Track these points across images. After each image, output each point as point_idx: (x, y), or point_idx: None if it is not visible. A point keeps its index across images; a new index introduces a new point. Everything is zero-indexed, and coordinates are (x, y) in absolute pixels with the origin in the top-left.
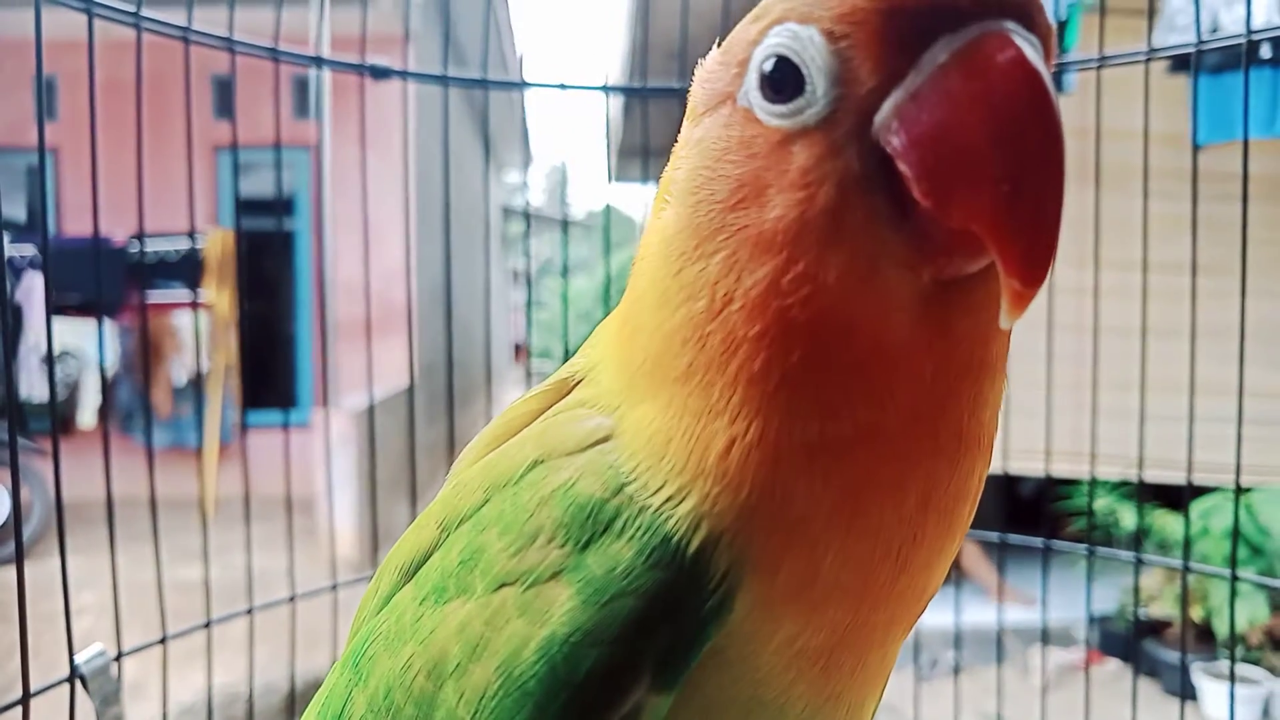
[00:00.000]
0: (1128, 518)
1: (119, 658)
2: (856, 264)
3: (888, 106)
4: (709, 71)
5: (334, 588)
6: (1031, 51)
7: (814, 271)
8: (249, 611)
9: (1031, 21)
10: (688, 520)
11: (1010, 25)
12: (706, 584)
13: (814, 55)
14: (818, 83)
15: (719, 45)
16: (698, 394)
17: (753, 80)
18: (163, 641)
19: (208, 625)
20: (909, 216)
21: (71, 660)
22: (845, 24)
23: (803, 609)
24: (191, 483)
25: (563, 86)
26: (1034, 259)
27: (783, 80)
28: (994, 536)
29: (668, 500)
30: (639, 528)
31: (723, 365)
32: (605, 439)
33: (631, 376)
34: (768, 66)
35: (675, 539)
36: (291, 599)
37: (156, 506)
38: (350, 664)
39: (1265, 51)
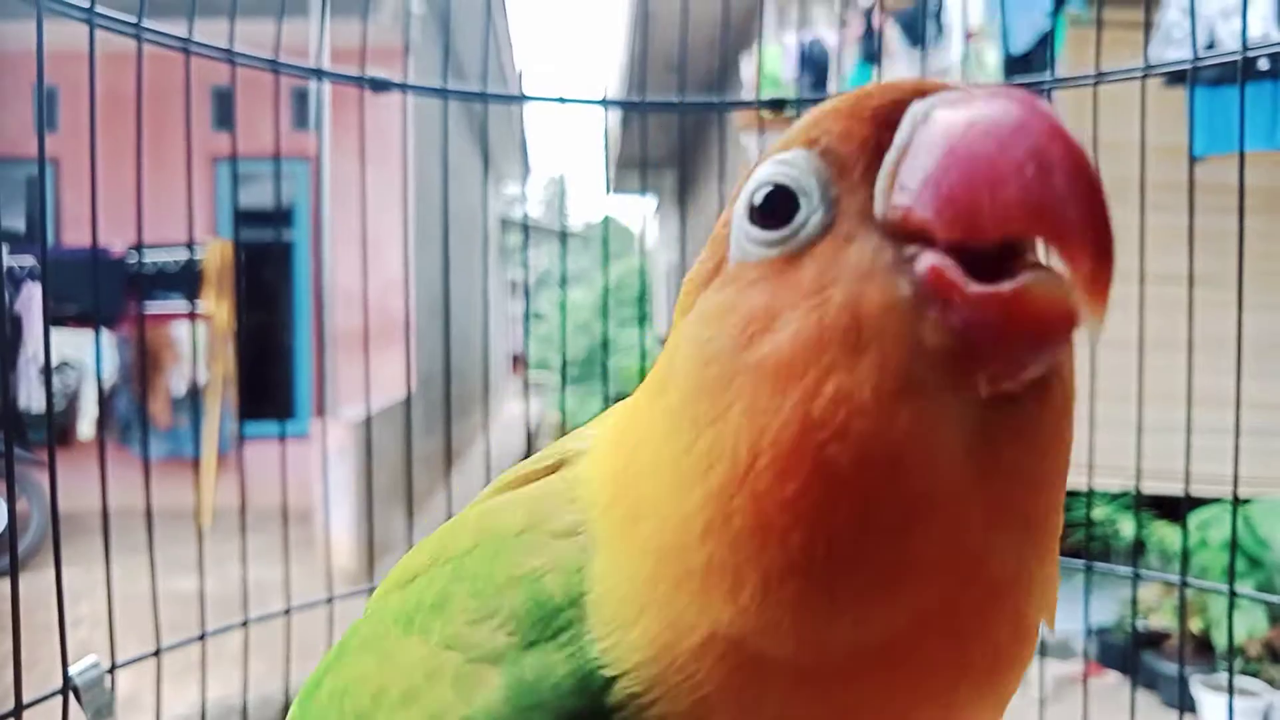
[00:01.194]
0: (1127, 529)
1: (113, 670)
2: (891, 372)
3: (884, 170)
4: (694, 269)
5: (329, 600)
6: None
7: (845, 389)
8: (244, 624)
9: None
10: (620, 675)
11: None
12: None
13: (801, 169)
14: (811, 191)
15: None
16: (713, 594)
17: (741, 225)
18: (157, 654)
19: (202, 638)
20: (951, 308)
21: (65, 672)
22: (819, 131)
23: None
24: (188, 494)
25: (562, 100)
26: (1091, 227)
27: (770, 205)
28: None
29: (614, 650)
30: (578, 651)
31: (751, 554)
32: (578, 535)
33: (621, 518)
34: (758, 199)
35: (597, 686)
36: (287, 611)
37: (152, 518)
38: (338, 648)
39: (1263, 64)
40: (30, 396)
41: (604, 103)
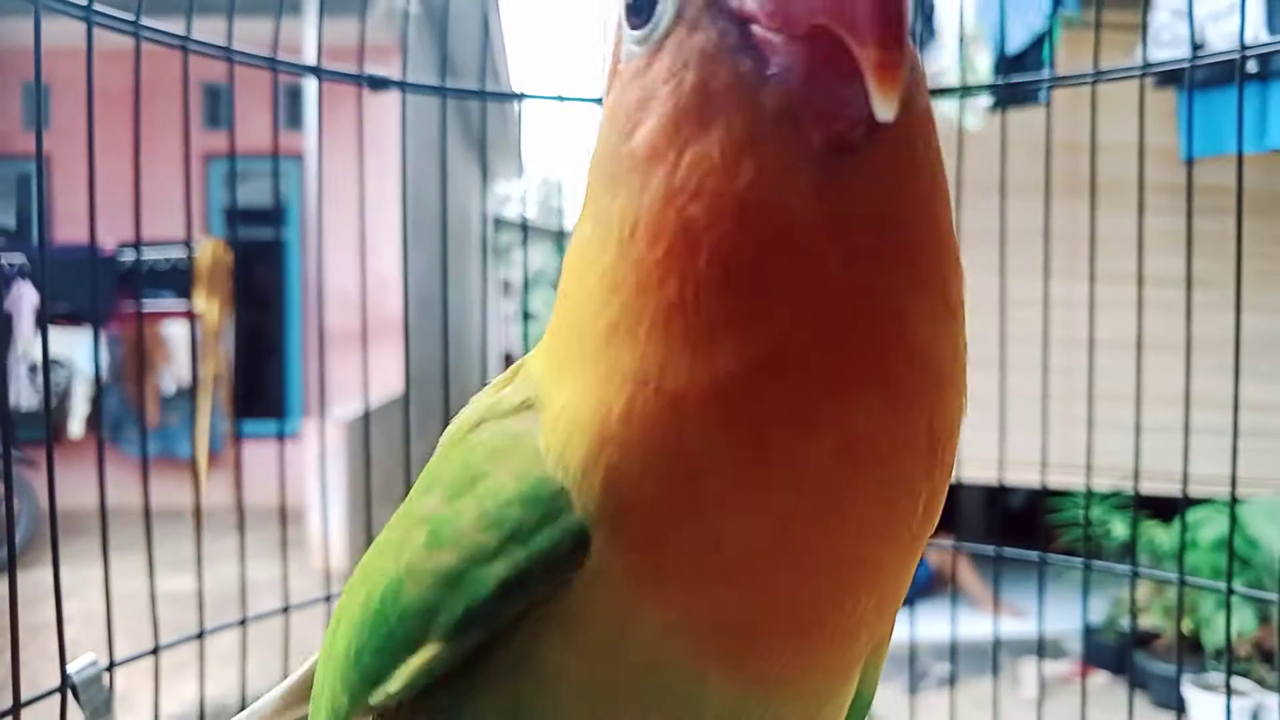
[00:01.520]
0: (1119, 529)
1: (111, 668)
2: (737, 134)
3: None
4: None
5: (328, 599)
6: None
7: (699, 156)
8: (242, 623)
9: None
10: (538, 489)
11: None
12: (541, 557)
13: None
14: None
15: None
16: (621, 352)
17: (623, 29)
18: (154, 652)
19: (200, 636)
20: (773, 69)
21: (63, 670)
22: None
23: (693, 585)
24: (179, 492)
25: (560, 99)
26: (877, 12)
27: (640, 5)
28: (989, 550)
29: (532, 468)
30: (489, 490)
31: (640, 309)
32: (528, 406)
33: (559, 355)
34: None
35: (509, 508)
36: (285, 610)
37: (150, 516)
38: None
39: (1252, 66)
40: (20, 395)
41: (601, 101)
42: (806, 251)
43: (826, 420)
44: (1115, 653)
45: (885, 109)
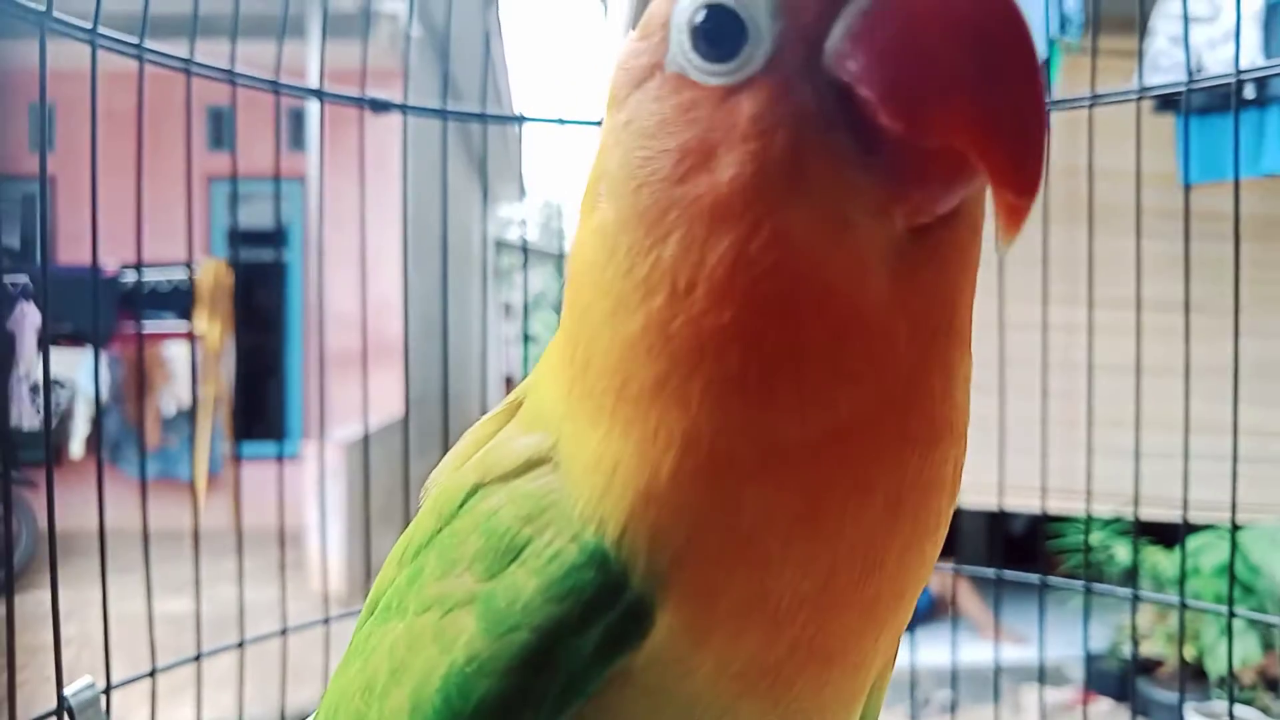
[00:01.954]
0: (1121, 554)
1: (108, 691)
2: (825, 214)
3: (839, 29)
4: (627, 53)
5: (326, 621)
6: None
7: (781, 230)
8: (240, 645)
9: None
10: (598, 552)
11: None
12: (610, 619)
13: None
14: (759, 22)
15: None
16: (664, 411)
17: (682, 40)
18: (152, 674)
19: (198, 658)
20: (876, 152)
21: (60, 693)
22: None
23: (745, 631)
24: (179, 514)
25: (560, 121)
26: (1024, 160)
27: (717, 31)
28: (989, 573)
29: (584, 531)
30: (544, 559)
31: (694, 368)
32: (540, 462)
33: (580, 397)
34: (699, 18)
35: (579, 572)
36: (283, 632)
37: (148, 538)
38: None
39: (1249, 92)
40: (21, 415)
41: (601, 124)
42: (881, 334)
43: (880, 481)
44: (1117, 680)
45: (1006, 246)
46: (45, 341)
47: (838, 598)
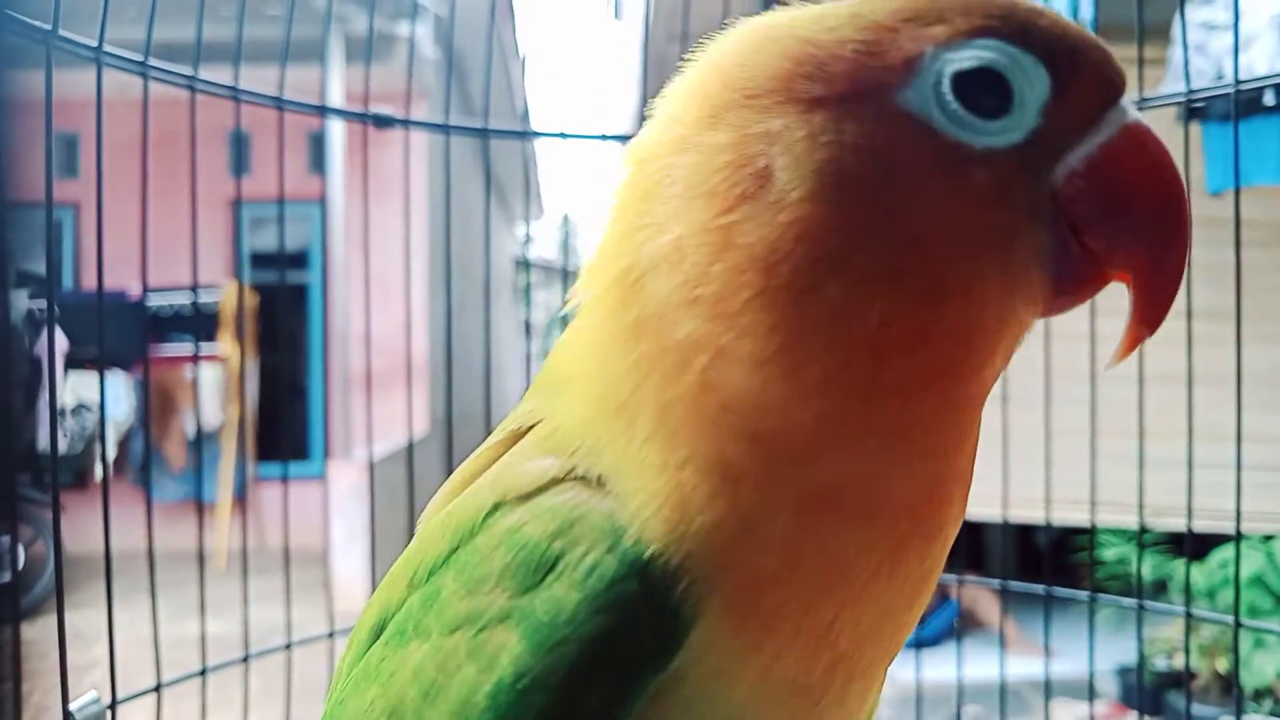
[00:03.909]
0: (1147, 568)
1: (113, 706)
2: (1008, 300)
3: (1081, 151)
4: (824, 54)
5: (331, 635)
6: None
7: (981, 305)
8: (245, 659)
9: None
10: (638, 563)
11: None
12: (659, 632)
13: (1032, 82)
14: (1029, 108)
15: (820, 23)
16: (725, 446)
17: (938, 86)
18: (157, 689)
19: (203, 673)
20: (1059, 255)
21: (65, 708)
22: (1068, 64)
23: (797, 645)
24: (206, 535)
25: (563, 135)
26: (1163, 310)
27: (981, 94)
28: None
29: (620, 542)
30: (582, 572)
31: (860, 408)
32: (563, 479)
33: (632, 422)
34: (969, 68)
35: (623, 584)
36: (288, 646)
37: (154, 557)
38: (325, 714)
39: (1269, 99)
40: (48, 438)
41: (604, 137)
42: (973, 417)
43: (920, 536)
44: (1150, 693)
45: (1121, 357)
46: (52, 360)
47: (864, 614)
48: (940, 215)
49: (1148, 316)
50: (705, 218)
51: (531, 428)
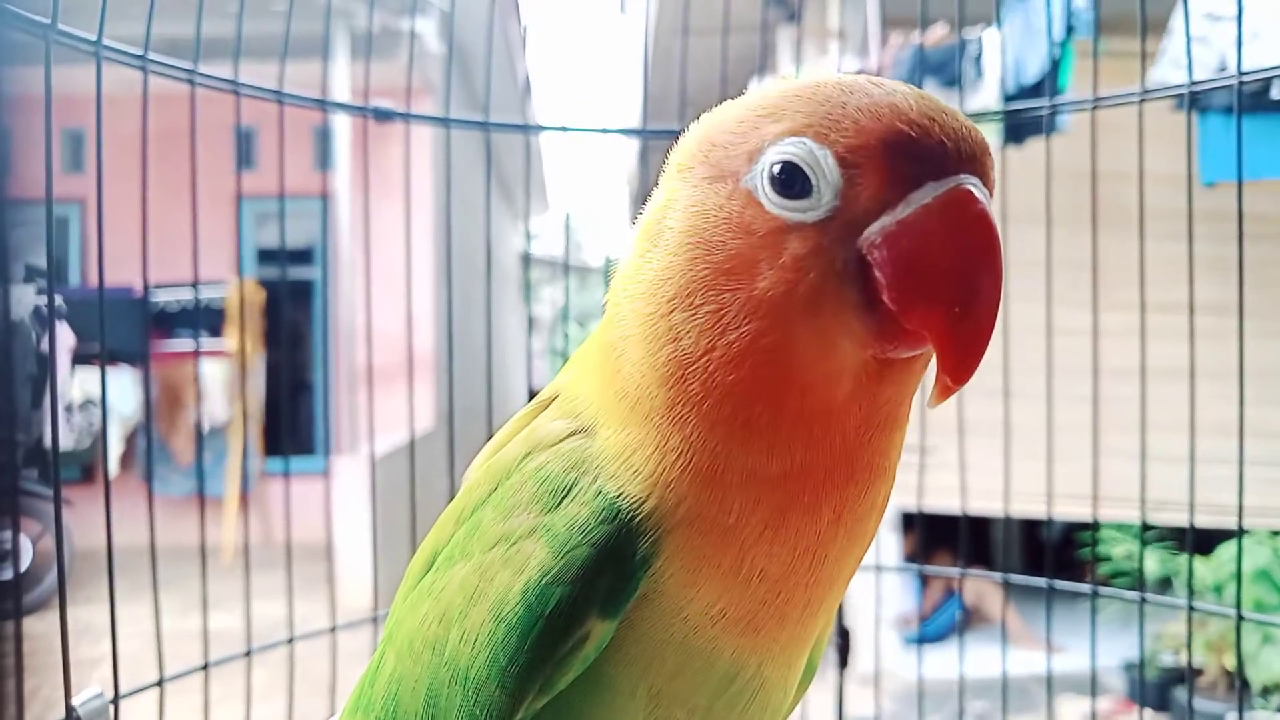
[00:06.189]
0: (1152, 564)
1: (116, 700)
2: (824, 339)
3: (877, 226)
4: (716, 142)
5: (333, 630)
6: (989, 207)
7: (789, 339)
8: (247, 654)
9: (987, 178)
10: (631, 498)
11: (973, 181)
12: (639, 544)
13: (826, 172)
14: (824, 193)
15: (726, 115)
16: (673, 425)
17: (764, 174)
18: (159, 684)
19: (205, 668)
20: (873, 308)
21: (68, 702)
22: (858, 156)
23: (725, 588)
24: (212, 531)
25: (565, 129)
26: (966, 366)
27: (790, 181)
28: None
29: (622, 484)
30: (593, 494)
31: (697, 406)
32: (577, 434)
33: (614, 400)
34: (777, 169)
35: (620, 507)
36: (290, 641)
37: (156, 552)
38: (385, 636)
39: (1275, 92)
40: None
41: (607, 131)
42: (838, 419)
43: (826, 505)
44: (1156, 689)
45: (934, 405)
46: (53, 355)
47: (791, 577)
48: (757, 270)
49: (949, 370)
50: (637, 250)
51: (555, 398)
